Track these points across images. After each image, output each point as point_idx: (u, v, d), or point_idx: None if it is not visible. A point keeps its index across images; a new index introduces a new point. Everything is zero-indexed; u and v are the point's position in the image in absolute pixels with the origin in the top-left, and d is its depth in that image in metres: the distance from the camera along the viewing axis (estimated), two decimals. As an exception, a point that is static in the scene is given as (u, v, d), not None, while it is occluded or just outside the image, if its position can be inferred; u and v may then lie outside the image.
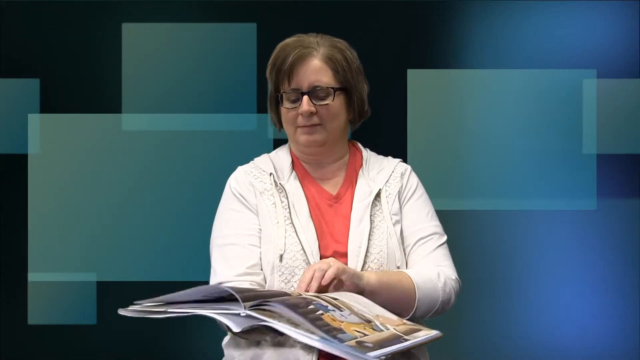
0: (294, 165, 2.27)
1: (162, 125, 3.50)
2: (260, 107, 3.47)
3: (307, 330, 1.73)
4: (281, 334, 1.83)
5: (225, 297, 1.81)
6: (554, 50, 3.48)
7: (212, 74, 3.51)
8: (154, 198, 3.51)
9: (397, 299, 2.07)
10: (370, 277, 2.04)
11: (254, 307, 1.76)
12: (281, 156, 2.30)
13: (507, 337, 3.50)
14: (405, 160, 2.38)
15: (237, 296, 1.75)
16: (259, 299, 1.77)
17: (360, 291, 2.02)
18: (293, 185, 2.23)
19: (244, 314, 1.76)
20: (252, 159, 3.48)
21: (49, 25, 3.54)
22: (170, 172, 3.51)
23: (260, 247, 2.17)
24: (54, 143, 3.52)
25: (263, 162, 2.30)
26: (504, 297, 3.50)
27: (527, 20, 3.50)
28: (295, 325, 1.73)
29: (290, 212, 2.17)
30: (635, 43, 3.47)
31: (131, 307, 1.90)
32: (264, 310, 1.76)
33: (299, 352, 2.03)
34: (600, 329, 3.48)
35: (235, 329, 1.75)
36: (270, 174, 2.24)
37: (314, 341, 1.70)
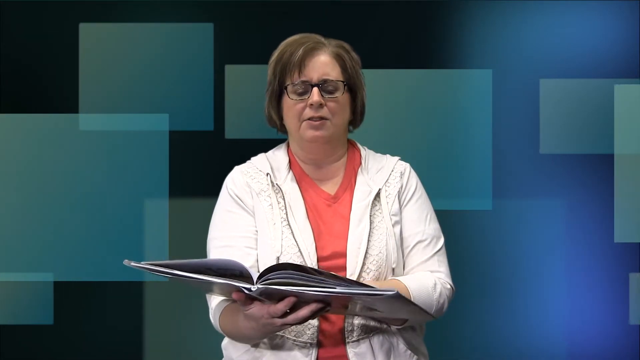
0: (291, 165, 2.24)
1: (120, 125, 3.50)
2: (217, 108, 3.48)
3: (322, 285, 1.79)
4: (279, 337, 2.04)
5: (228, 275, 1.85)
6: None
7: (169, 74, 3.51)
8: (111, 198, 3.51)
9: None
10: None
11: (264, 283, 1.81)
12: (278, 156, 2.26)
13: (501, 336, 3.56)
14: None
15: (251, 272, 1.82)
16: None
17: None
18: (290, 186, 2.19)
19: (254, 289, 1.81)
20: (209, 159, 3.50)
21: (5, 25, 3.52)
22: (128, 172, 3.51)
23: (257, 249, 2.14)
24: (10, 143, 3.50)
25: (260, 161, 2.26)
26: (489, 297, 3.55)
27: (526, 21, 3.53)
28: (308, 286, 1.79)
29: (287, 214, 2.14)
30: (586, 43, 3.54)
31: (135, 263, 1.89)
32: (274, 283, 1.81)
33: (297, 354, 2.05)
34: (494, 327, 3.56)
35: (247, 291, 1.82)
36: (267, 174, 2.21)
37: (335, 290, 1.78)
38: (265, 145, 3.43)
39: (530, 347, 3.53)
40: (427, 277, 2.16)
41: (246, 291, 1.83)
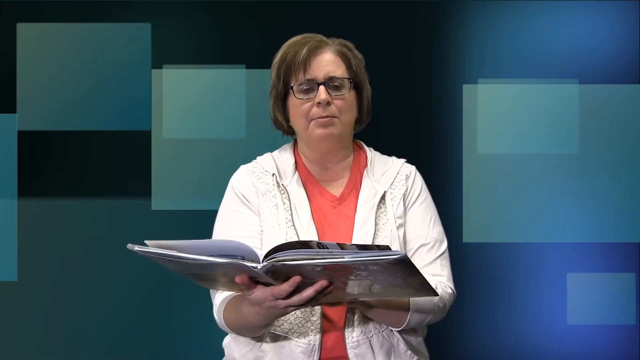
0: (297, 166, 2.24)
1: (58, 125, 3.48)
2: (155, 107, 3.48)
3: (329, 257, 1.76)
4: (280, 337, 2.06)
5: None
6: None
7: (107, 74, 3.50)
8: (50, 199, 3.49)
9: (388, 313, 2.08)
10: None
11: (269, 260, 1.79)
12: (284, 156, 2.25)
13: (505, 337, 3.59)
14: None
15: (257, 253, 1.81)
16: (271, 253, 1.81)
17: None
18: (295, 187, 2.19)
19: (260, 266, 1.79)
20: (148, 159, 3.48)
21: (-58, 26, 3.51)
22: (67, 173, 3.50)
23: (261, 249, 2.13)
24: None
25: (266, 161, 2.25)
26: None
27: (526, 21, 3.55)
28: (313, 258, 1.77)
29: (292, 214, 2.14)
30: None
31: (139, 247, 1.84)
32: (279, 260, 1.79)
33: (299, 355, 2.05)
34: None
35: (254, 266, 1.79)
36: (273, 174, 2.20)
37: (344, 259, 1.75)
38: (204, 144, 3.49)
39: (483, 348, 3.58)
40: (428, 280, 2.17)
41: (252, 268, 1.81)
